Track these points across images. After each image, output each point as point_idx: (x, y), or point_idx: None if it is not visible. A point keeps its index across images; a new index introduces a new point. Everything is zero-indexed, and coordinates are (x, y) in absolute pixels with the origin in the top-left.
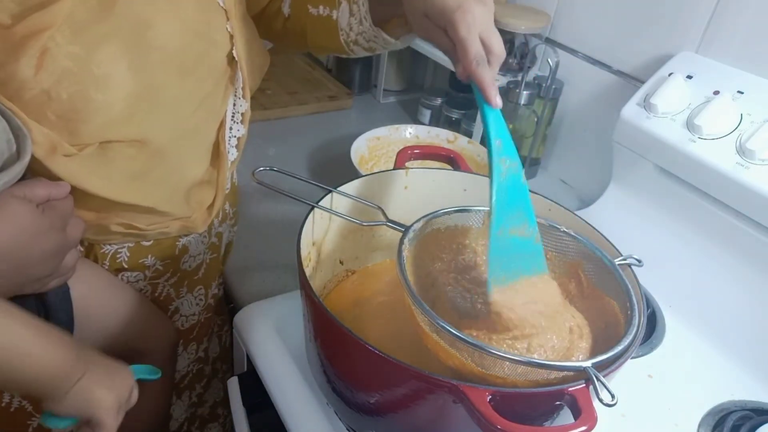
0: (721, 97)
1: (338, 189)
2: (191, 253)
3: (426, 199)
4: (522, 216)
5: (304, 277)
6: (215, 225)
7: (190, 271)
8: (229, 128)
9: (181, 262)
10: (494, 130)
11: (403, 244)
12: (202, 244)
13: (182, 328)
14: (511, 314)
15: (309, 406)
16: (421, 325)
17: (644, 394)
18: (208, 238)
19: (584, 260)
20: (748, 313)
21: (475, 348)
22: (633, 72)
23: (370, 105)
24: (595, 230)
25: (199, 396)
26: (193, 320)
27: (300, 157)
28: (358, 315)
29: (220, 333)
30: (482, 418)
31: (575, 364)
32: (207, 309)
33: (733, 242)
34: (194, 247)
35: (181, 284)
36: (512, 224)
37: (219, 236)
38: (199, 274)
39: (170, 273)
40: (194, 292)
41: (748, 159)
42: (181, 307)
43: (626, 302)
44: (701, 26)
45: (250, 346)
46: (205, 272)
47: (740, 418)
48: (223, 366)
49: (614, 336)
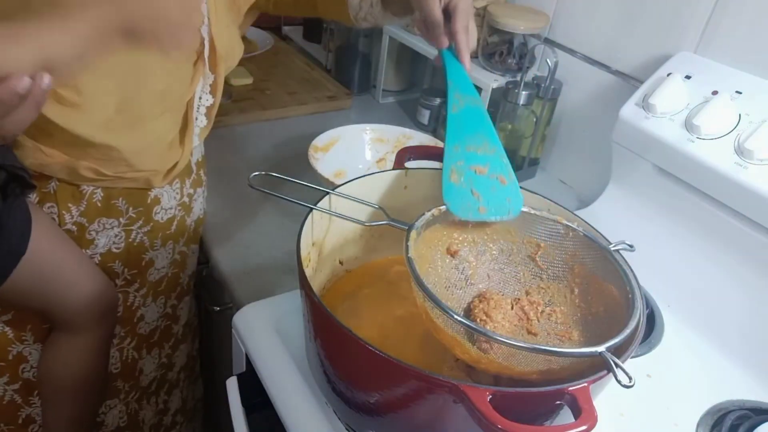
0: (720, 97)
1: (336, 190)
2: (163, 206)
3: (426, 199)
4: (482, 137)
5: (304, 277)
6: (186, 185)
7: (162, 223)
8: (199, 97)
9: (154, 212)
10: (452, 74)
11: (408, 240)
12: (174, 200)
13: (152, 280)
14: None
15: (308, 406)
16: (435, 321)
17: (643, 394)
18: (180, 197)
19: (580, 249)
20: (747, 313)
21: (493, 339)
22: (632, 72)
23: (369, 105)
24: (595, 230)
25: (168, 356)
26: (162, 273)
27: (300, 157)
28: (347, 308)
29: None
30: (483, 417)
31: (590, 349)
32: (175, 264)
33: (731, 242)
34: (166, 201)
35: (155, 236)
36: (470, 143)
37: (190, 197)
38: (172, 229)
39: (143, 221)
40: (167, 246)
41: (747, 159)
42: (156, 260)
43: (624, 285)
44: (700, 26)
45: (249, 345)
46: (177, 228)
47: (739, 418)
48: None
49: (616, 318)
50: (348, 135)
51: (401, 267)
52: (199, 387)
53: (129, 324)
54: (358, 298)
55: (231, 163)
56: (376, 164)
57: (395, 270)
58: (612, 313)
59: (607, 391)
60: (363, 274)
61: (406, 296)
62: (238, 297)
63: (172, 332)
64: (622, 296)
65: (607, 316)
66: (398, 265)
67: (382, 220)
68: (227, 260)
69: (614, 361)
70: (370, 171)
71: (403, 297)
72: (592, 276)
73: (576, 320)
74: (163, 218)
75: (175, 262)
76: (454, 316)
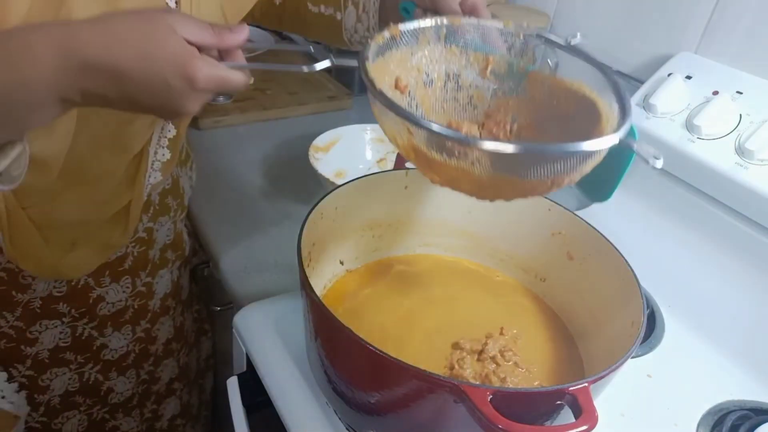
0: (721, 98)
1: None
2: (109, 300)
3: (426, 199)
4: None
5: (305, 277)
6: (144, 221)
7: (111, 313)
8: (154, 152)
9: (98, 309)
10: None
11: (368, 71)
12: (123, 293)
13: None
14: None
15: (309, 406)
16: (409, 148)
17: (643, 394)
18: (132, 288)
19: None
20: (747, 313)
21: (490, 147)
22: (632, 72)
23: (369, 105)
24: (595, 230)
25: (149, 373)
26: (120, 305)
27: (300, 157)
28: (348, 308)
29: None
30: (483, 417)
31: (606, 138)
32: (140, 295)
33: (732, 242)
34: (112, 296)
35: (104, 324)
36: None
37: (149, 231)
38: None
39: (88, 318)
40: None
41: (747, 159)
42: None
43: (596, 73)
44: (700, 26)
45: (249, 345)
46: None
47: (739, 418)
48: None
49: (592, 113)
50: (348, 135)
51: (402, 267)
52: (205, 389)
53: (88, 351)
54: (359, 298)
55: (231, 163)
56: (377, 164)
57: (396, 270)
58: (585, 107)
59: (607, 391)
60: (363, 274)
61: (407, 296)
62: (238, 297)
63: (150, 353)
64: (595, 86)
65: (581, 112)
66: (399, 264)
67: (326, 63)
68: (227, 260)
69: (635, 144)
70: (371, 171)
71: (404, 297)
72: (552, 78)
73: (548, 127)
74: (110, 310)
75: (139, 293)
76: (427, 124)
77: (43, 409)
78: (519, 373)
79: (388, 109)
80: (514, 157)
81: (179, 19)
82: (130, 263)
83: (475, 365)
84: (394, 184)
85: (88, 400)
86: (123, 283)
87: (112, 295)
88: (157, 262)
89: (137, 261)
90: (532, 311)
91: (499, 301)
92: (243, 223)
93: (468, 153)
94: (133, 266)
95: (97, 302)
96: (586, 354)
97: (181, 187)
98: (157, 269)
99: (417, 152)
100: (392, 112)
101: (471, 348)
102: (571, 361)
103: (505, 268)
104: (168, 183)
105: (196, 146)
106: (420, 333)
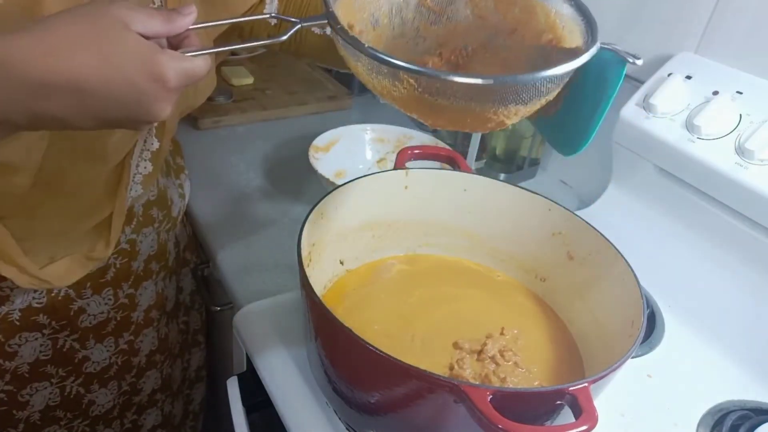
0: (721, 98)
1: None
2: (90, 312)
3: (426, 199)
4: None
5: (305, 276)
6: (127, 232)
7: (93, 325)
8: (136, 165)
9: (80, 321)
10: None
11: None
12: (106, 305)
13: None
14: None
15: (309, 406)
16: (394, 92)
17: (643, 394)
18: (114, 301)
19: None
20: (748, 313)
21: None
22: (632, 72)
23: (370, 105)
24: (596, 230)
25: (131, 384)
26: (102, 317)
27: (300, 157)
28: (348, 308)
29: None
30: (483, 417)
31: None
32: (122, 307)
33: (732, 242)
34: (94, 308)
35: (86, 337)
36: None
37: (132, 243)
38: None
39: (69, 330)
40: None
41: (747, 159)
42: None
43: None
44: (700, 26)
45: (249, 345)
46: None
47: (739, 418)
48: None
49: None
50: (348, 135)
51: (402, 267)
52: (193, 399)
53: (70, 364)
54: (359, 298)
55: (231, 163)
56: (377, 164)
57: (396, 269)
58: (527, 12)
59: (607, 391)
60: (363, 274)
61: (407, 296)
62: (238, 297)
63: (132, 365)
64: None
65: (524, 20)
66: (399, 264)
67: (295, 27)
68: (227, 260)
69: (613, 47)
70: (371, 171)
71: (404, 297)
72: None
73: (499, 43)
74: (92, 322)
75: (122, 305)
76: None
77: (23, 426)
78: (519, 373)
79: (375, 61)
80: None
81: (126, 11)
82: (112, 275)
83: (475, 365)
84: (394, 184)
85: (69, 414)
86: (105, 295)
87: (93, 307)
88: (141, 274)
89: (120, 272)
90: (532, 311)
91: (499, 301)
92: (243, 223)
93: (445, 87)
94: (115, 278)
95: (79, 314)
96: (586, 354)
97: (168, 198)
98: (141, 281)
99: (412, 100)
100: (379, 63)
101: (471, 348)
102: (571, 361)
103: (505, 268)
104: (153, 194)
105: (195, 146)
106: (420, 333)
